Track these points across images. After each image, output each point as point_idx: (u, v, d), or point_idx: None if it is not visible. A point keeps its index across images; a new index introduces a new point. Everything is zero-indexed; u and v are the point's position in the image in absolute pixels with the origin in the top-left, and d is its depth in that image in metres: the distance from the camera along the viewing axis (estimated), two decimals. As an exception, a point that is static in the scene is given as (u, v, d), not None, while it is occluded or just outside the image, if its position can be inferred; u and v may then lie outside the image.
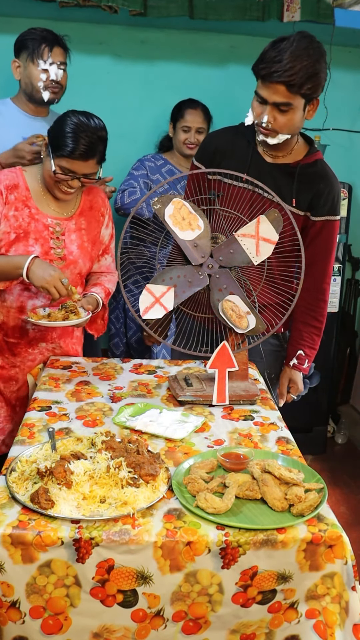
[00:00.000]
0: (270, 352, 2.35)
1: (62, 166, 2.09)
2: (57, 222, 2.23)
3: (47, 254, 2.20)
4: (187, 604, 1.37)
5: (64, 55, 2.66)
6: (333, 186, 2.19)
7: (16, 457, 1.57)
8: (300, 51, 1.92)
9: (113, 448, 1.54)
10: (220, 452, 1.59)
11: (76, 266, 2.28)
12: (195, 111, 3.22)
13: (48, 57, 2.60)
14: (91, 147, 2.06)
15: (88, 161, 2.09)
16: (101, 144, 2.10)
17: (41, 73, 2.60)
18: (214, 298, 1.97)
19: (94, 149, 2.07)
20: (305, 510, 1.40)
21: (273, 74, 1.93)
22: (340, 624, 1.41)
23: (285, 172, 2.17)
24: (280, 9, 3.22)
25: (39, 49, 2.58)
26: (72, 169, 2.09)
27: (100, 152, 2.11)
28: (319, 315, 2.32)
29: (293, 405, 3.69)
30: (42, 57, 2.59)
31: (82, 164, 2.09)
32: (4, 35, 3.44)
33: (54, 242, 2.22)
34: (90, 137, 2.05)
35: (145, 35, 3.55)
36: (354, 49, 3.74)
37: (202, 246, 1.94)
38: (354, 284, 4.15)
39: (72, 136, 2.04)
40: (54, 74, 2.62)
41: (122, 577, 1.34)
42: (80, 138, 2.04)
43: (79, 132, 2.04)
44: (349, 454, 3.91)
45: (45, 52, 2.59)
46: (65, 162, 2.08)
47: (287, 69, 1.91)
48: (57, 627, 1.36)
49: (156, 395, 2.03)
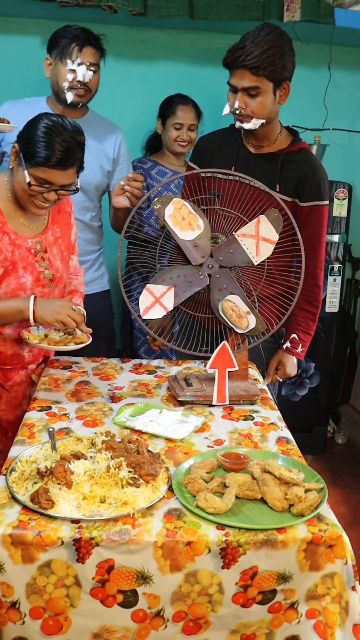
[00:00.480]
0: (266, 349, 2.36)
1: (37, 176, 1.86)
2: (36, 240, 2.05)
3: (38, 280, 2.05)
4: (187, 604, 1.37)
5: (96, 57, 2.52)
6: (317, 171, 2.26)
7: (16, 457, 1.57)
8: (260, 38, 2.06)
9: (113, 448, 1.54)
10: (220, 452, 1.59)
11: (62, 281, 2.16)
12: (187, 107, 3.10)
13: (77, 57, 2.46)
14: (69, 153, 1.85)
15: (67, 170, 1.87)
16: (80, 149, 1.89)
17: (68, 73, 2.47)
18: (214, 298, 1.97)
19: (72, 156, 1.86)
20: (306, 510, 1.40)
21: (237, 59, 2.07)
22: (340, 624, 1.41)
23: (270, 161, 2.26)
24: (280, 8, 3.22)
25: (68, 48, 2.46)
26: (48, 179, 1.87)
27: (80, 159, 1.90)
28: (313, 300, 2.34)
29: (293, 405, 3.69)
30: (70, 57, 2.46)
31: (60, 174, 1.87)
32: (4, 35, 3.45)
33: (39, 264, 2.05)
34: (67, 141, 1.84)
35: (145, 35, 3.55)
36: (354, 49, 3.74)
37: (202, 246, 1.94)
38: (354, 284, 4.15)
39: (46, 141, 1.82)
40: (81, 75, 2.47)
41: (122, 577, 1.34)
42: (56, 143, 1.83)
43: (54, 136, 1.83)
44: (349, 454, 3.91)
45: (75, 51, 2.46)
46: (41, 172, 1.85)
47: (248, 53, 2.04)
48: (57, 627, 1.36)
49: (156, 395, 2.03)
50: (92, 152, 2.51)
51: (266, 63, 2.05)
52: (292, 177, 2.23)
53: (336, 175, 3.69)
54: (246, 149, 2.30)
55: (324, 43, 3.47)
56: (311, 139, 3.55)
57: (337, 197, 3.53)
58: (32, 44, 3.38)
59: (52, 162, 1.83)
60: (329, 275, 3.61)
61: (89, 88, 2.51)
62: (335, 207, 3.53)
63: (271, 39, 2.06)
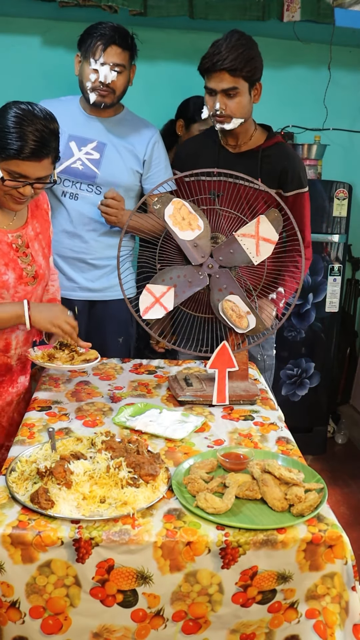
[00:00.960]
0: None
1: (11, 170, 1.75)
2: (17, 234, 1.93)
3: (21, 278, 1.93)
4: (187, 603, 1.37)
5: (122, 57, 2.41)
6: (295, 162, 2.44)
7: (16, 457, 1.57)
8: (233, 42, 2.23)
9: (113, 448, 1.54)
10: (220, 452, 1.59)
11: (44, 279, 2.04)
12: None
13: (100, 57, 2.37)
14: (43, 142, 1.73)
15: (42, 161, 1.75)
16: (54, 138, 1.78)
17: (91, 73, 2.39)
18: (214, 298, 1.97)
19: (47, 145, 1.74)
20: (305, 510, 1.40)
21: (216, 63, 2.23)
22: (340, 624, 1.41)
23: (249, 158, 2.40)
24: (280, 8, 3.22)
25: (92, 47, 2.37)
26: (23, 172, 1.75)
27: (55, 148, 1.79)
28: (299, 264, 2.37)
29: (293, 405, 3.69)
30: (93, 56, 2.37)
31: (34, 165, 1.75)
32: (4, 35, 3.45)
33: (22, 260, 1.93)
34: (40, 130, 1.72)
35: (145, 35, 3.54)
36: (354, 49, 3.74)
37: (202, 246, 1.94)
38: (354, 284, 4.15)
39: (17, 131, 1.70)
40: (103, 76, 2.38)
41: (122, 577, 1.34)
42: (28, 133, 1.71)
43: (25, 125, 1.71)
44: (349, 454, 3.91)
45: (99, 50, 2.37)
46: (14, 166, 1.73)
47: (226, 57, 2.22)
48: (57, 627, 1.36)
49: (156, 395, 2.03)
50: (120, 151, 2.51)
51: (243, 64, 2.22)
52: (274, 170, 2.36)
53: (336, 175, 3.69)
54: (226, 149, 2.44)
55: (324, 43, 3.47)
56: (311, 139, 3.55)
57: (337, 197, 3.52)
58: (32, 44, 3.38)
59: (25, 154, 1.72)
60: (329, 275, 3.61)
61: (112, 89, 2.43)
62: (335, 207, 3.53)
63: (243, 43, 2.24)
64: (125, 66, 2.44)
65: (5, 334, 1.95)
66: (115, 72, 2.40)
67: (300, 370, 3.70)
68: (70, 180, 2.49)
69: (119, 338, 2.68)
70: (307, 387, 3.73)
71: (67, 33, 2.69)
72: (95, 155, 2.48)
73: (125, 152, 2.53)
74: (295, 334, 3.65)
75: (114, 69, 2.40)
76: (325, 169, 3.62)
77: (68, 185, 2.49)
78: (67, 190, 2.49)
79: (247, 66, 2.24)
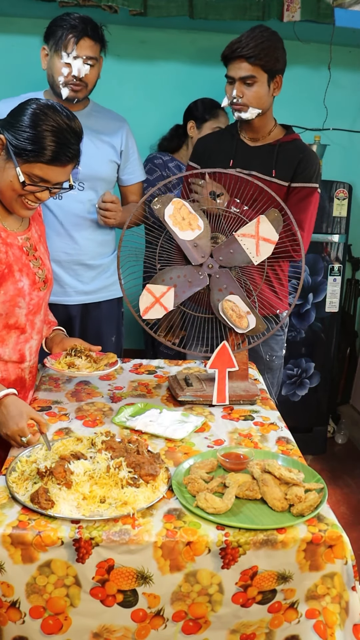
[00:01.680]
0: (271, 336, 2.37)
1: (33, 174, 1.68)
2: (25, 237, 1.86)
3: (34, 283, 1.85)
4: (187, 604, 1.37)
5: (94, 49, 2.35)
6: (311, 157, 2.43)
7: (16, 457, 1.57)
8: (254, 33, 2.29)
9: (113, 448, 1.54)
10: (220, 452, 1.59)
11: (52, 284, 1.98)
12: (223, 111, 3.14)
13: (72, 50, 2.29)
14: (69, 146, 1.68)
15: (67, 166, 1.71)
16: (78, 141, 1.73)
17: (63, 67, 2.32)
18: (214, 298, 1.97)
19: (73, 149, 1.70)
20: (305, 510, 1.40)
21: (235, 50, 2.28)
22: (340, 624, 1.41)
23: (267, 151, 2.41)
24: (280, 8, 3.21)
25: (64, 39, 2.29)
26: (45, 177, 1.69)
27: (79, 152, 1.74)
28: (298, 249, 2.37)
29: (293, 405, 3.69)
30: (65, 49, 2.30)
31: (60, 171, 1.70)
32: (4, 35, 3.45)
33: (33, 264, 1.86)
34: (67, 132, 1.67)
35: (145, 35, 3.55)
36: (354, 49, 3.74)
37: (202, 246, 1.94)
38: (354, 284, 4.15)
39: (42, 134, 1.64)
40: (77, 70, 2.31)
41: (122, 577, 1.34)
42: (54, 136, 1.65)
43: (52, 128, 1.65)
44: (349, 454, 3.91)
45: (71, 43, 2.29)
46: (38, 169, 1.67)
47: (244, 45, 2.26)
48: (57, 627, 1.36)
49: (156, 395, 2.03)
50: (98, 145, 2.49)
51: (262, 53, 2.26)
52: (290, 162, 2.37)
53: (336, 175, 3.69)
54: (244, 142, 2.46)
55: (324, 43, 3.47)
56: (311, 139, 3.55)
57: (337, 197, 3.53)
58: (32, 44, 3.37)
59: (50, 158, 1.66)
60: (329, 275, 3.61)
61: (85, 83, 2.37)
62: (335, 207, 3.53)
63: (265, 35, 2.29)
64: (97, 59, 2.39)
65: (19, 345, 1.86)
66: (88, 65, 2.34)
67: (300, 370, 3.70)
68: None
69: (112, 337, 2.69)
70: (307, 387, 3.73)
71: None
72: None
73: (102, 144, 2.51)
74: (295, 334, 3.65)
75: (87, 62, 2.33)
76: (325, 169, 3.62)
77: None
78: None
79: (266, 56, 2.27)
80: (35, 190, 1.71)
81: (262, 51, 2.26)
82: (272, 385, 2.60)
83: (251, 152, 2.43)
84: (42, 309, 1.92)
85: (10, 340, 1.84)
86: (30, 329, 1.87)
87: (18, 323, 1.82)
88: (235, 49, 2.27)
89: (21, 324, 1.83)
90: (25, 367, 1.92)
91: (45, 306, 1.96)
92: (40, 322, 1.93)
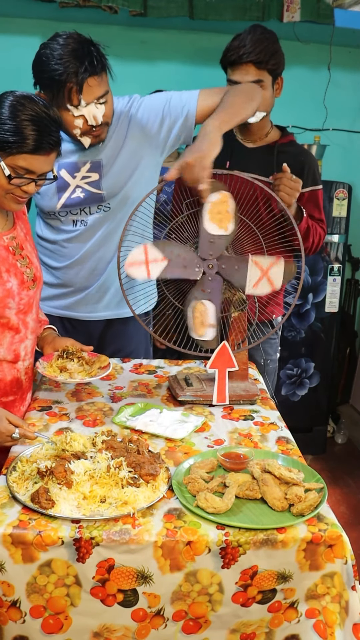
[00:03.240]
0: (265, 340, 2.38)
1: (17, 166, 1.65)
2: (10, 236, 1.82)
3: (23, 283, 1.82)
4: (187, 603, 1.37)
5: (102, 83, 2.00)
6: (311, 159, 2.47)
7: (16, 457, 1.57)
8: (258, 36, 2.27)
9: (113, 448, 1.54)
10: (220, 452, 1.59)
11: (41, 282, 1.93)
12: None
13: (80, 101, 1.96)
14: (51, 133, 1.64)
15: (50, 154, 1.67)
16: (59, 128, 1.69)
17: (75, 120, 2.00)
18: (193, 293, 1.94)
19: (55, 136, 1.66)
20: (305, 510, 1.41)
21: (242, 56, 2.25)
22: (340, 623, 1.41)
23: (265, 153, 2.41)
24: (280, 9, 3.23)
25: (64, 94, 1.95)
26: (31, 168, 1.65)
27: (60, 139, 1.71)
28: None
29: (293, 405, 3.70)
30: (71, 103, 1.97)
31: (44, 160, 1.66)
32: (4, 35, 3.46)
33: (20, 264, 1.82)
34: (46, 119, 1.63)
35: (145, 36, 3.56)
36: (354, 49, 3.75)
37: (217, 245, 1.91)
38: (354, 284, 4.16)
39: (22, 123, 1.60)
40: (92, 118, 2.00)
41: (123, 577, 1.34)
42: (46, 127, 1.62)
43: (31, 116, 1.62)
44: (349, 454, 3.91)
45: (74, 95, 1.95)
46: (22, 160, 1.63)
47: (252, 50, 2.25)
48: (57, 626, 1.36)
49: (156, 395, 2.04)
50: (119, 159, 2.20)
51: (268, 57, 2.26)
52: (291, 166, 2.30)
53: (336, 175, 3.69)
54: (240, 144, 2.45)
55: (324, 43, 3.48)
56: (311, 139, 3.56)
57: (337, 197, 3.53)
58: (32, 44, 3.36)
59: (33, 147, 1.62)
60: (329, 275, 3.62)
61: (105, 122, 2.06)
62: (335, 207, 3.54)
63: (267, 36, 2.28)
64: (108, 89, 2.05)
65: (14, 345, 1.84)
66: (102, 104, 2.01)
67: (300, 370, 3.70)
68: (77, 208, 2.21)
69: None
70: (307, 387, 3.73)
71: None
72: (94, 177, 2.17)
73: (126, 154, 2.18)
74: (295, 334, 3.65)
75: (100, 102, 2.01)
76: (325, 169, 3.62)
77: (76, 213, 2.22)
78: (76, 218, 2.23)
79: (272, 59, 2.27)
80: (22, 182, 1.68)
81: (268, 54, 2.25)
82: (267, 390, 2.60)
83: (248, 153, 2.42)
84: (34, 307, 1.90)
85: (4, 340, 1.82)
86: (24, 328, 1.86)
87: (10, 323, 1.81)
88: (242, 54, 2.25)
89: (14, 324, 1.81)
90: (20, 367, 1.89)
91: (37, 305, 1.95)
92: (34, 322, 1.92)
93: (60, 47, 1.95)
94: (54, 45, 1.96)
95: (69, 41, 1.96)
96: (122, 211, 2.19)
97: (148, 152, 2.19)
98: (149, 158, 2.19)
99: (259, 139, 2.44)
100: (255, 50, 2.24)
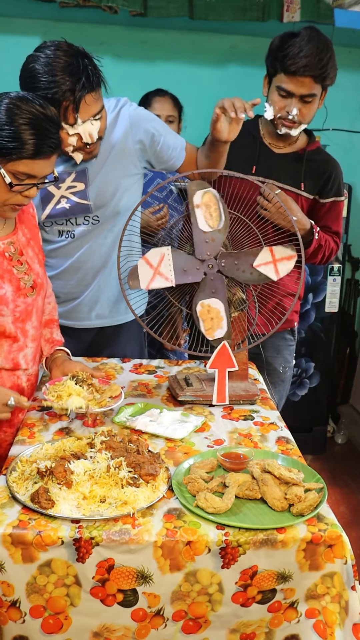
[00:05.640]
0: (285, 347, 2.38)
1: (18, 171, 1.61)
2: (8, 241, 1.78)
3: (19, 289, 1.78)
4: (187, 603, 1.37)
5: (97, 99, 1.94)
6: (337, 169, 2.40)
7: (16, 457, 1.57)
8: (321, 45, 2.11)
9: (113, 448, 1.54)
10: (220, 451, 1.59)
11: (44, 288, 1.89)
12: (164, 99, 3.06)
13: (76, 119, 1.90)
14: (51, 136, 1.61)
15: (51, 157, 1.64)
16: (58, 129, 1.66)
17: (70, 138, 1.94)
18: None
19: (55, 138, 1.63)
20: (305, 509, 1.41)
21: (304, 68, 2.10)
22: (340, 623, 1.41)
23: (293, 160, 2.34)
24: (280, 9, 3.23)
25: (59, 110, 1.85)
26: (32, 172, 1.62)
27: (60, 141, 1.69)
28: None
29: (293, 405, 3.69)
30: (66, 122, 1.90)
31: (44, 163, 1.63)
32: (4, 35, 3.46)
33: (17, 270, 1.78)
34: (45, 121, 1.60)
35: (145, 36, 3.56)
36: (354, 49, 3.75)
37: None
38: (354, 284, 4.16)
39: (32, 130, 1.57)
40: (87, 136, 1.95)
41: (122, 577, 1.35)
42: (45, 130, 1.59)
43: (40, 123, 1.59)
44: (349, 454, 3.91)
45: (70, 114, 1.88)
46: (23, 166, 1.60)
47: (316, 62, 2.10)
48: (57, 626, 1.36)
49: (156, 395, 2.04)
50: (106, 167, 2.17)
51: (328, 72, 2.15)
52: (317, 175, 2.31)
53: (336, 175, 3.69)
54: (267, 148, 2.36)
55: (324, 43, 3.47)
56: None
57: (337, 198, 3.53)
58: (32, 44, 3.36)
59: (33, 152, 1.59)
60: (329, 275, 3.62)
61: (98, 137, 2.00)
62: (335, 207, 3.54)
63: (328, 47, 2.14)
64: (103, 106, 1.99)
65: (12, 354, 1.82)
66: (97, 120, 1.95)
67: (300, 370, 3.70)
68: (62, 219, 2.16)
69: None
70: (307, 387, 3.73)
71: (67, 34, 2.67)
72: (80, 187, 2.12)
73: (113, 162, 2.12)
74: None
75: (95, 119, 1.95)
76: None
77: (62, 224, 2.17)
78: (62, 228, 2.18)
79: (331, 73, 2.17)
80: (24, 188, 1.65)
81: (329, 69, 2.14)
82: (282, 397, 2.59)
83: (276, 159, 2.34)
84: (33, 315, 1.86)
85: (1, 349, 1.79)
86: (22, 337, 1.82)
87: (7, 332, 1.78)
88: (305, 66, 2.10)
89: (10, 332, 1.78)
90: (21, 374, 1.87)
91: (38, 312, 1.89)
92: (34, 329, 1.88)
93: (50, 60, 1.85)
94: (44, 59, 1.86)
95: (58, 53, 1.87)
96: (112, 222, 2.17)
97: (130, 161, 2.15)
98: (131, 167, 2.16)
99: (288, 144, 2.36)
100: (318, 65, 2.11)
